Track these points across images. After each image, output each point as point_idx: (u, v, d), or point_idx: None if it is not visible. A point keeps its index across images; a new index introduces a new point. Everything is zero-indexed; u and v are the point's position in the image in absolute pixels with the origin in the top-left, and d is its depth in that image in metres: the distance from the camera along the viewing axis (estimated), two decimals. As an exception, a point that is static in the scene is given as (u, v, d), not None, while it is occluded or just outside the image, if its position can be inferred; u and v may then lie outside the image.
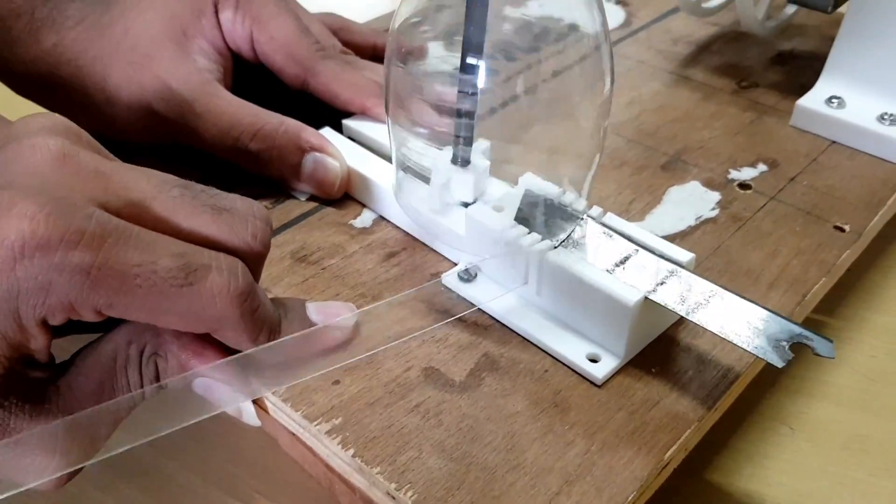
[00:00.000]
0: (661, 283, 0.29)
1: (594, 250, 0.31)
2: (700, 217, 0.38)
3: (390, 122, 0.33)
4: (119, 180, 0.26)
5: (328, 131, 0.39)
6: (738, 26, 0.53)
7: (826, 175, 0.41)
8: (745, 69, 0.50)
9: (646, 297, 0.29)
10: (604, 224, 0.32)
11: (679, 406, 0.29)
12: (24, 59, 0.39)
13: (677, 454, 0.28)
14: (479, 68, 0.30)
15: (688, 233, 0.37)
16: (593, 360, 0.30)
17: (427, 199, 0.33)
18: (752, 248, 0.36)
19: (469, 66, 0.30)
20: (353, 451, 0.27)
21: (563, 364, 0.30)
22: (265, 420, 0.30)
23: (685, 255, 0.31)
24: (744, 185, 0.40)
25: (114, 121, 0.39)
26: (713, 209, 0.38)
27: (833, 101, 0.43)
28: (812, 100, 0.44)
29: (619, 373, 0.30)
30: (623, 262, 0.30)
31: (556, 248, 0.30)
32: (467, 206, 0.33)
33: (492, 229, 0.31)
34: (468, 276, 0.33)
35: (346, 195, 0.38)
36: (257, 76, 0.41)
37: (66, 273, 0.23)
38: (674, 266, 0.30)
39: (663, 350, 0.31)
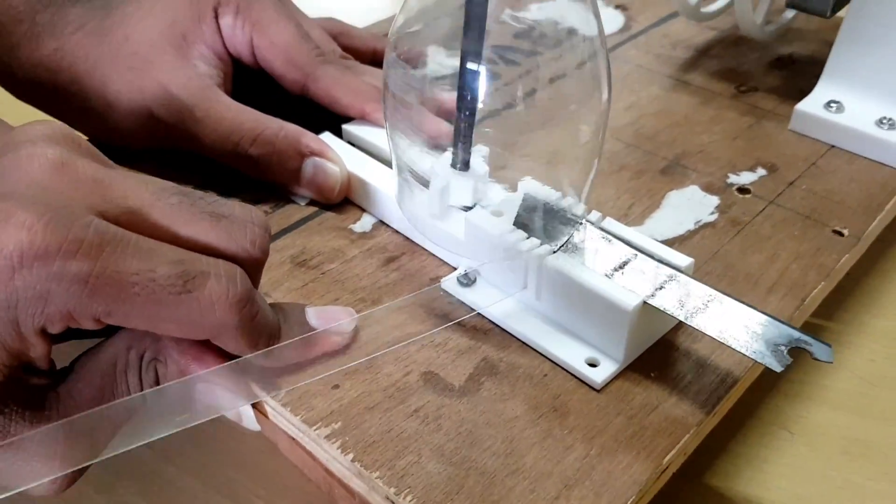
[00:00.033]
0: (660, 288, 0.29)
1: (593, 255, 0.31)
2: (699, 221, 0.38)
3: (389, 127, 0.33)
4: (117, 188, 0.26)
5: (328, 136, 0.40)
6: (737, 31, 0.53)
7: (825, 179, 0.41)
8: (744, 73, 0.50)
9: (644, 302, 0.29)
10: (602, 228, 0.32)
11: (678, 410, 0.29)
12: (25, 65, 0.39)
13: (676, 458, 0.28)
14: (479, 73, 0.30)
15: (687, 237, 0.37)
16: (592, 365, 0.30)
17: (426, 203, 0.33)
18: (751, 253, 0.36)
19: (468, 70, 0.30)
20: (352, 456, 0.27)
21: (563, 368, 0.30)
22: (264, 424, 0.30)
23: (684, 260, 0.31)
24: (743, 190, 0.40)
25: (114, 126, 0.39)
26: (712, 213, 0.38)
27: (832, 105, 0.43)
28: (811, 104, 0.44)
29: (618, 377, 0.30)
30: (622, 266, 0.30)
31: (555, 252, 0.31)
32: (467, 210, 0.33)
33: (491, 234, 0.31)
34: (467, 280, 0.33)
35: (345, 200, 0.38)
36: (257, 81, 0.41)
37: (65, 282, 0.23)
38: (672, 270, 0.30)
39: (662, 354, 0.31)
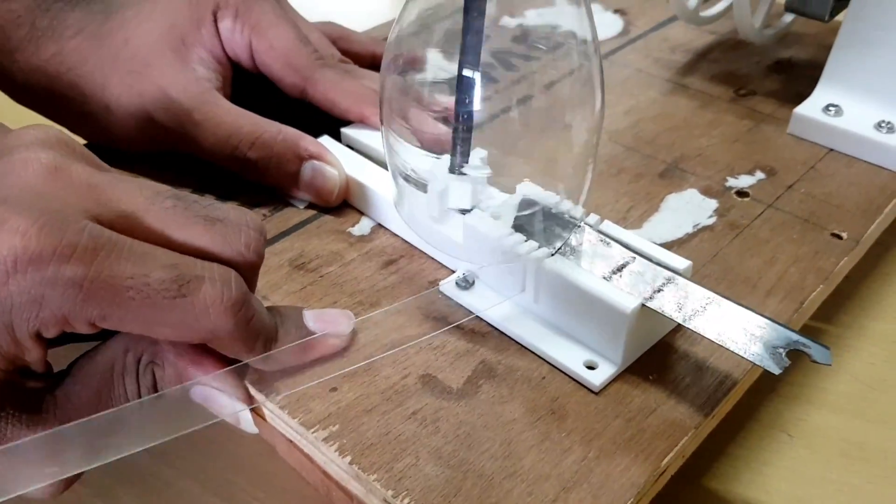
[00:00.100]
0: (658, 291, 0.29)
1: (591, 258, 0.31)
2: (698, 225, 0.38)
3: (386, 131, 0.33)
4: (111, 192, 0.26)
5: (327, 140, 0.40)
6: (735, 35, 0.53)
7: (823, 183, 0.41)
8: (743, 77, 0.50)
9: (643, 305, 0.29)
10: (601, 231, 0.32)
11: (676, 413, 0.29)
12: (24, 69, 0.39)
13: (674, 461, 0.28)
14: (477, 77, 0.30)
15: (685, 240, 0.37)
16: (590, 368, 0.30)
17: (425, 207, 0.34)
18: (749, 256, 0.36)
19: (466, 75, 0.30)
20: (350, 458, 0.27)
21: (561, 371, 0.30)
22: (263, 427, 0.30)
23: (682, 263, 0.31)
24: (741, 193, 0.40)
25: (113, 129, 0.39)
26: (711, 217, 0.38)
27: (830, 109, 0.43)
28: (809, 108, 0.44)
29: (616, 380, 0.30)
30: (620, 269, 0.30)
31: (553, 255, 0.31)
32: (465, 213, 0.33)
33: (489, 237, 0.31)
34: (466, 283, 0.33)
35: (344, 203, 0.38)
36: (256, 85, 0.41)
37: (59, 287, 0.23)
38: (671, 273, 0.30)
39: (661, 357, 0.31)
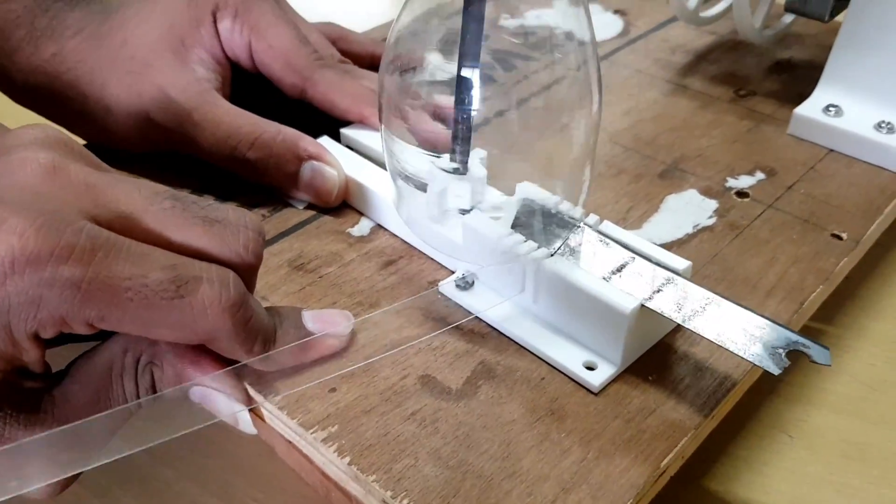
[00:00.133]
0: (658, 291, 0.29)
1: (591, 258, 0.31)
2: (697, 225, 0.38)
3: (386, 132, 0.33)
4: (110, 193, 0.26)
5: (326, 140, 0.40)
6: (735, 35, 0.53)
7: (824, 183, 0.41)
8: (743, 78, 0.50)
9: (642, 305, 0.29)
10: (600, 232, 0.32)
11: (676, 414, 0.29)
12: (24, 69, 0.39)
13: (674, 462, 0.28)
14: (476, 77, 0.30)
15: (685, 241, 0.37)
16: (590, 368, 0.30)
17: (424, 207, 0.33)
18: (749, 256, 0.36)
19: (466, 75, 0.30)
20: (349, 459, 0.27)
21: (560, 372, 0.30)
22: (261, 428, 0.30)
23: (682, 263, 0.31)
24: (741, 194, 0.40)
25: (112, 130, 0.39)
26: (710, 217, 0.38)
27: (830, 109, 0.43)
28: (809, 108, 0.44)
29: (615, 380, 0.30)
30: (619, 269, 0.30)
31: (552, 255, 0.31)
32: (464, 214, 0.33)
33: (489, 237, 0.31)
34: (465, 284, 0.33)
35: (343, 203, 0.38)
36: (256, 85, 0.41)
37: (57, 288, 0.23)
38: (670, 274, 0.30)
39: (660, 358, 0.31)
